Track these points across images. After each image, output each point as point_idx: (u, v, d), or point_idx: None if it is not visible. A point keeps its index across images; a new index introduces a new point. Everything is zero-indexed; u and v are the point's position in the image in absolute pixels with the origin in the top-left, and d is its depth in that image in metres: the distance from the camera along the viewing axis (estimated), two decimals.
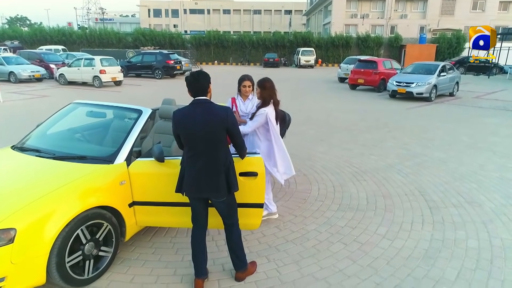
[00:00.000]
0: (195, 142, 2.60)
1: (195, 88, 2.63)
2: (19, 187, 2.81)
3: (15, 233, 2.42)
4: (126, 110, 3.74)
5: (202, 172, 2.63)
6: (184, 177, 2.71)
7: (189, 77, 2.66)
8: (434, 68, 13.89)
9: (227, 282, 2.98)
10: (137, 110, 3.61)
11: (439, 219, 4.13)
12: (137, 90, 16.26)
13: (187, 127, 2.60)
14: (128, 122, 3.61)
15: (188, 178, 2.67)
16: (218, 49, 38.15)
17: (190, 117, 2.60)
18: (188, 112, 2.63)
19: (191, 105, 2.66)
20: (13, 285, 2.48)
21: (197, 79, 2.64)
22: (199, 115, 2.59)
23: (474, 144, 7.39)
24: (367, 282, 3.00)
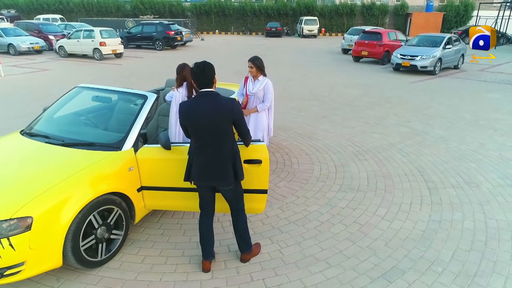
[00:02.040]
0: (202, 133, 2.67)
1: (201, 80, 2.67)
2: (33, 175, 2.92)
3: (31, 220, 2.55)
4: (132, 95, 3.78)
5: (210, 161, 2.72)
6: (192, 166, 2.80)
7: (195, 68, 2.69)
8: (439, 40, 13.62)
9: (233, 263, 3.15)
10: (142, 96, 3.65)
11: (437, 200, 4.25)
12: (138, 62, 16.09)
13: (194, 119, 2.66)
14: (133, 108, 3.66)
15: (196, 167, 2.76)
16: (219, 18, 37.28)
17: (197, 109, 2.65)
18: (195, 104, 2.68)
19: (198, 97, 2.70)
20: (32, 268, 2.64)
21: (202, 70, 2.67)
22: (206, 106, 2.64)
23: (475, 122, 7.42)
24: (365, 263, 3.16)
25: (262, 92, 4.46)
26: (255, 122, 4.47)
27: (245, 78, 4.63)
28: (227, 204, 3.04)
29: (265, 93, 4.47)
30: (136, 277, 2.98)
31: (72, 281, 2.93)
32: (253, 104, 4.49)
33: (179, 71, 3.97)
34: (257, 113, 4.47)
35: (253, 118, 4.48)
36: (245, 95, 4.50)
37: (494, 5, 33.80)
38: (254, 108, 4.46)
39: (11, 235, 2.49)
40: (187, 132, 2.84)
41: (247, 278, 2.97)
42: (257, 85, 4.45)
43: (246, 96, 4.50)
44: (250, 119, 4.47)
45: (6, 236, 2.48)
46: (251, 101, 4.49)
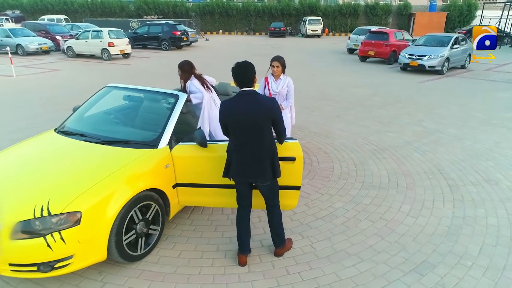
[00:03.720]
0: (243, 131, 2.77)
1: (242, 79, 2.76)
2: (76, 171, 3.02)
3: (80, 215, 2.65)
4: (163, 95, 3.88)
5: (249, 159, 2.81)
6: (231, 163, 2.89)
7: (236, 68, 2.79)
8: (447, 40, 13.70)
9: (268, 258, 3.24)
10: (174, 95, 3.75)
11: (458, 197, 4.34)
12: (146, 63, 16.19)
13: (235, 118, 2.75)
14: (165, 107, 3.76)
15: (236, 164, 2.86)
16: (223, 18, 37.39)
17: (238, 108, 2.75)
18: (236, 103, 2.77)
19: (238, 96, 2.80)
20: (79, 262, 2.74)
21: (244, 70, 2.76)
22: (246, 106, 2.73)
23: (488, 121, 7.50)
24: (396, 257, 3.25)
25: (286, 90, 4.57)
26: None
27: (265, 78, 4.72)
28: (263, 201, 3.13)
29: (288, 90, 4.58)
30: (176, 271, 3.07)
31: (114, 274, 3.02)
32: None
33: (188, 68, 4.24)
34: (282, 110, 4.56)
35: None
36: (269, 95, 4.59)
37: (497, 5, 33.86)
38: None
39: (62, 229, 2.59)
40: (226, 131, 2.93)
41: (283, 272, 3.06)
42: (280, 84, 4.56)
43: (269, 95, 4.59)
44: None
45: (57, 230, 2.58)
46: None
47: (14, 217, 2.58)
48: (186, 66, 4.31)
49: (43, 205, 2.62)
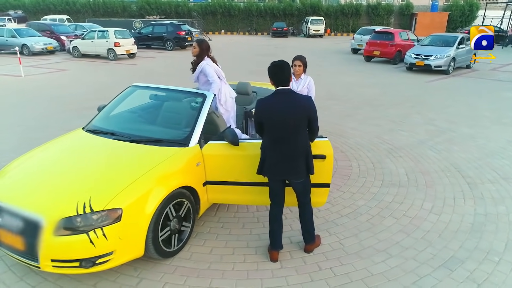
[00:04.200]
0: (279, 129, 2.83)
1: (279, 77, 2.83)
2: (113, 169, 3.08)
3: (121, 212, 2.70)
4: (190, 94, 3.93)
5: (284, 156, 2.87)
6: (265, 161, 2.95)
7: (273, 67, 2.85)
8: (452, 40, 13.78)
9: (298, 254, 3.30)
10: (201, 94, 3.81)
11: (478, 194, 4.41)
12: (152, 62, 16.25)
13: (271, 116, 2.81)
14: (193, 106, 3.81)
15: (271, 161, 2.92)
16: (225, 18, 37.44)
17: (274, 106, 2.81)
18: (272, 101, 2.84)
19: (275, 95, 2.86)
20: (119, 258, 2.79)
21: (281, 68, 2.82)
22: (283, 104, 2.79)
23: (498, 120, 7.57)
24: (424, 253, 3.31)
25: (306, 90, 4.62)
26: None
27: None
28: (294, 198, 3.19)
29: (309, 90, 4.64)
30: (209, 267, 3.13)
31: (149, 270, 3.08)
32: None
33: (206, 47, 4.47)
34: None
35: None
36: None
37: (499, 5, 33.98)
38: None
39: (103, 226, 2.65)
40: (260, 128, 2.99)
41: (315, 267, 3.12)
42: (301, 83, 4.61)
43: None
44: None
45: (100, 226, 2.64)
46: None
47: (57, 214, 2.63)
48: (205, 44, 4.43)
49: (85, 202, 2.67)
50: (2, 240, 2.79)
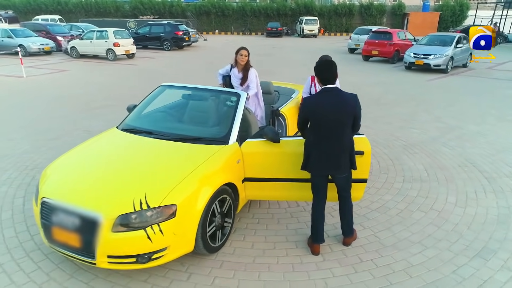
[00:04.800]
0: (325, 126, 2.93)
1: (327, 76, 2.93)
2: (161, 167, 3.14)
3: (175, 208, 2.77)
4: (224, 93, 4.01)
5: (331, 152, 2.98)
6: (310, 157, 3.05)
7: (320, 66, 2.95)
8: (449, 40, 14.06)
9: (338, 247, 3.41)
10: (235, 93, 3.89)
11: (498, 188, 4.57)
12: (152, 63, 16.21)
13: (319, 114, 2.92)
14: (229, 104, 3.89)
15: (316, 157, 3.02)
16: (219, 18, 37.41)
17: (322, 104, 2.91)
18: (320, 99, 2.94)
19: (322, 93, 2.96)
20: (172, 253, 2.86)
21: (330, 67, 2.94)
22: (331, 102, 2.90)
23: (503, 117, 7.80)
24: (457, 244, 3.45)
25: None
26: None
27: (311, 77, 4.89)
28: (335, 194, 3.30)
29: None
30: (254, 261, 3.22)
31: (196, 265, 3.15)
32: None
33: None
34: None
35: None
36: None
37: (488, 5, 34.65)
38: None
39: (160, 221, 2.71)
40: (303, 125, 3.09)
41: (356, 259, 3.23)
42: None
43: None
44: None
45: (156, 222, 2.70)
46: None
47: (115, 211, 2.68)
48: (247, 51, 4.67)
49: (141, 199, 2.74)
50: (56, 238, 2.84)
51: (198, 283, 2.95)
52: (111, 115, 7.75)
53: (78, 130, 6.69)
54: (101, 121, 7.26)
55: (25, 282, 2.94)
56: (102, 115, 7.72)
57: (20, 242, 3.45)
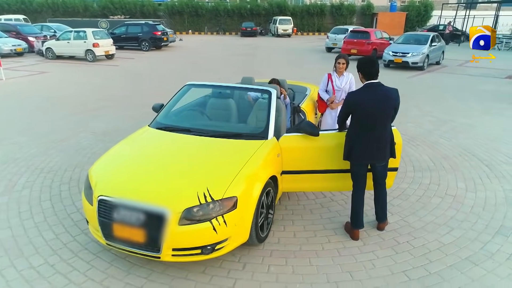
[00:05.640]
0: (370, 119, 3.16)
1: (371, 72, 3.16)
2: (213, 162, 3.25)
3: (236, 199, 2.90)
4: (255, 90, 4.16)
5: (375, 142, 3.22)
6: (354, 147, 3.27)
7: (365, 63, 3.19)
8: (424, 39, 14.85)
9: (373, 232, 3.65)
10: (266, 91, 4.05)
11: (499, 174, 5.00)
12: (133, 64, 15.95)
13: (365, 107, 3.15)
14: (261, 101, 4.04)
15: (360, 148, 3.25)
16: (192, 18, 37.15)
17: (368, 98, 3.14)
18: (365, 94, 3.17)
19: (366, 88, 3.19)
20: (231, 244, 2.99)
21: (373, 64, 3.17)
22: (375, 96, 3.14)
23: (487, 110, 8.41)
24: (477, 224, 3.79)
25: (348, 86, 4.99)
26: None
27: (328, 74, 5.12)
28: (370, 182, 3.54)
29: (350, 86, 5.00)
30: (301, 248, 3.40)
31: (247, 255, 3.29)
32: (340, 98, 5.00)
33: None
34: None
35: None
36: (333, 91, 5.00)
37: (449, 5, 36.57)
38: (342, 101, 4.97)
39: (223, 213, 2.83)
40: (345, 118, 3.32)
41: (393, 242, 3.49)
42: (344, 80, 4.98)
43: (333, 91, 4.99)
44: (338, 111, 4.97)
45: (221, 214, 2.82)
46: (338, 95, 5.00)
47: (181, 205, 2.77)
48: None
49: (204, 192, 2.84)
50: (117, 234, 2.89)
51: (254, 272, 3.09)
52: (111, 115, 7.67)
53: (83, 132, 6.58)
54: (102, 122, 7.18)
55: (83, 280, 2.97)
56: (102, 116, 7.61)
57: (64, 243, 3.44)
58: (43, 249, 3.34)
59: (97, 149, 5.78)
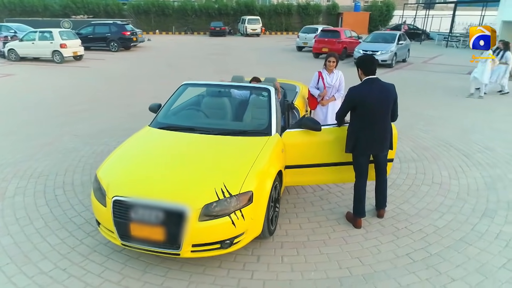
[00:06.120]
0: (373, 112, 3.37)
1: (370, 69, 3.36)
2: (225, 158, 3.32)
3: (252, 194, 3.00)
4: (253, 89, 4.26)
5: (378, 134, 3.45)
6: (358, 140, 3.46)
7: (366, 60, 3.41)
8: (391, 37, 15.54)
9: (373, 220, 3.87)
10: (265, 89, 4.16)
11: (476, 162, 5.41)
12: (105, 65, 15.52)
13: (366, 100, 3.35)
14: (261, 99, 4.15)
15: (364, 140, 3.45)
16: (159, 18, 36.53)
17: (369, 93, 3.34)
18: (366, 88, 3.37)
19: (366, 83, 3.39)
20: (247, 237, 3.08)
21: (372, 61, 3.39)
22: (376, 90, 3.35)
23: (454, 104, 8.99)
24: (465, 208, 4.10)
25: (338, 83, 5.20)
26: (333, 109, 5.18)
27: (318, 72, 5.31)
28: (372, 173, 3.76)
29: (340, 83, 5.22)
30: (309, 239, 3.54)
31: (259, 248, 3.39)
32: (330, 94, 5.20)
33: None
34: (335, 101, 5.19)
35: (331, 106, 5.20)
36: (324, 88, 5.19)
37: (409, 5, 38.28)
38: (332, 97, 5.18)
39: (241, 207, 2.92)
40: (345, 112, 3.52)
41: (393, 229, 3.71)
42: (334, 77, 5.18)
43: (324, 88, 5.19)
44: (329, 107, 5.18)
45: (238, 208, 2.91)
46: (329, 92, 5.20)
47: (200, 201, 2.82)
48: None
49: (221, 188, 2.91)
50: (135, 234, 2.90)
51: (269, 263, 3.20)
52: (92, 117, 7.51)
53: (66, 135, 6.39)
54: (84, 124, 7.01)
55: (100, 282, 2.95)
56: (83, 118, 7.42)
57: (71, 247, 3.38)
58: (51, 254, 3.27)
59: (85, 152, 5.65)
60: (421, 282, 2.96)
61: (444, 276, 3.03)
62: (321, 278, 3.01)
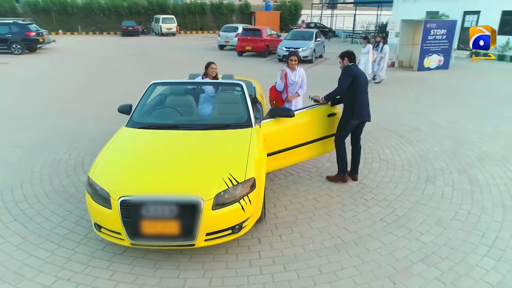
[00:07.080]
0: (362, 85, 4.29)
1: (354, 58, 4.34)
2: (221, 150, 3.50)
3: (254, 180, 3.24)
4: (227, 85, 4.48)
5: (366, 104, 4.37)
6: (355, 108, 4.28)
7: (350, 54, 4.42)
8: (308, 35, 16.77)
9: (345, 194, 4.40)
10: (237, 84, 4.40)
11: (407, 140, 6.37)
12: (11, 70, 13.85)
13: (359, 77, 4.26)
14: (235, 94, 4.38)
15: (361, 108, 4.32)
16: (61, 17, 33.40)
17: (358, 70, 4.31)
18: (356, 68, 4.33)
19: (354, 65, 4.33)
20: (252, 221, 3.32)
21: (354, 54, 4.31)
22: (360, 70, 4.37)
23: (381, 93, 10.21)
24: (412, 177, 4.89)
25: (301, 80, 5.60)
26: (295, 104, 5.56)
27: (281, 70, 5.62)
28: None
29: (302, 79, 5.62)
30: (297, 218, 3.91)
31: (257, 231, 3.64)
32: (294, 91, 5.57)
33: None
34: (298, 97, 5.60)
35: (294, 102, 5.59)
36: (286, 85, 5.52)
37: (315, 5, 41.18)
38: (296, 94, 5.55)
39: (248, 193, 3.14)
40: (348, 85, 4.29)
41: (363, 200, 4.30)
42: (297, 74, 5.56)
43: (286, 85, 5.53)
44: (292, 103, 5.56)
45: (246, 194, 3.13)
46: (292, 88, 5.56)
47: (212, 191, 2.97)
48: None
49: (228, 177, 3.10)
50: (147, 231, 2.93)
51: (271, 243, 3.48)
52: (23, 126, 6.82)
53: (4, 148, 5.76)
54: (20, 134, 6.37)
55: (114, 285, 2.91)
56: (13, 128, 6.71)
57: (66, 257, 3.23)
58: (46, 267, 3.09)
59: (35, 162, 5.22)
60: (399, 239, 3.54)
61: (414, 231, 3.67)
62: (320, 248, 3.40)
